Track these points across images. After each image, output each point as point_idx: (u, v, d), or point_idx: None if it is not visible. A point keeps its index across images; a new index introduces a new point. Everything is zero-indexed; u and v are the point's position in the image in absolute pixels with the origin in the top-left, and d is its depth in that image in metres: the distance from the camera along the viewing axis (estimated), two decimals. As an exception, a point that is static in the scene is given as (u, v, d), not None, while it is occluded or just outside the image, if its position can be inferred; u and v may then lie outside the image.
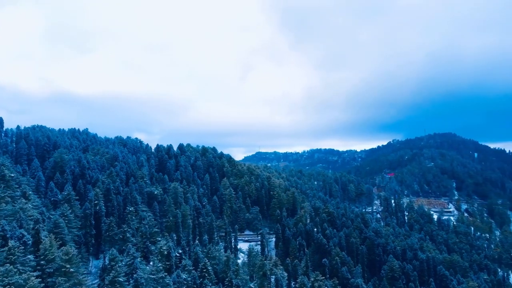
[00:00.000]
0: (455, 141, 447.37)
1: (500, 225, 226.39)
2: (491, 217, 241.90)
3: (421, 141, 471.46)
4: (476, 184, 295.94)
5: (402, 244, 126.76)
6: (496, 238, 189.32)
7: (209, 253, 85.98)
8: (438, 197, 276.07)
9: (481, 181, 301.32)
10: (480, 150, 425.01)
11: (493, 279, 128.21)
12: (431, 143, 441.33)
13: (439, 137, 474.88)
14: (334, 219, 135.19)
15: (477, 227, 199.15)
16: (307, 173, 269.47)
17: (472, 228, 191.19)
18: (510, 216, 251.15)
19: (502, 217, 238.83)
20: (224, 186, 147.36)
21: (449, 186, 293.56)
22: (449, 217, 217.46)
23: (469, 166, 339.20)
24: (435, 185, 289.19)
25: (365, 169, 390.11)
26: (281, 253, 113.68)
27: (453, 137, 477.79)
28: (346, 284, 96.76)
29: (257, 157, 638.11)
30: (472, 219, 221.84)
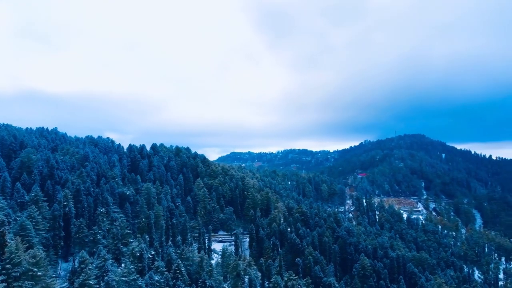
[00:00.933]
0: (424, 142, 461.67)
1: (466, 223, 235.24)
2: (457, 215, 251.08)
3: (391, 142, 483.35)
4: (443, 183, 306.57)
5: (373, 242, 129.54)
6: (462, 236, 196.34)
7: (182, 254, 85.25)
8: (407, 197, 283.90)
9: (448, 181, 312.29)
10: (447, 150, 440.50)
11: (459, 276, 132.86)
12: (401, 144, 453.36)
13: (409, 138, 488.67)
14: (307, 219, 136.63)
15: (444, 226, 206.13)
16: (281, 173, 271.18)
17: (439, 227, 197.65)
18: (475, 215, 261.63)
19: (468, 215, 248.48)
20: (198, 186, 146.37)
21: (418, 186, 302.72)
22: (418, 216, 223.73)
23: (437, 166, 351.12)
24: (405, 185, 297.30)
25: (337, 169, 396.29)
26: (255, 253, 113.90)
27: (422, 138, 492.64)
28: (319, 283, 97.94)
29: (232, 157, 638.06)
30: (439, 218, 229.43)
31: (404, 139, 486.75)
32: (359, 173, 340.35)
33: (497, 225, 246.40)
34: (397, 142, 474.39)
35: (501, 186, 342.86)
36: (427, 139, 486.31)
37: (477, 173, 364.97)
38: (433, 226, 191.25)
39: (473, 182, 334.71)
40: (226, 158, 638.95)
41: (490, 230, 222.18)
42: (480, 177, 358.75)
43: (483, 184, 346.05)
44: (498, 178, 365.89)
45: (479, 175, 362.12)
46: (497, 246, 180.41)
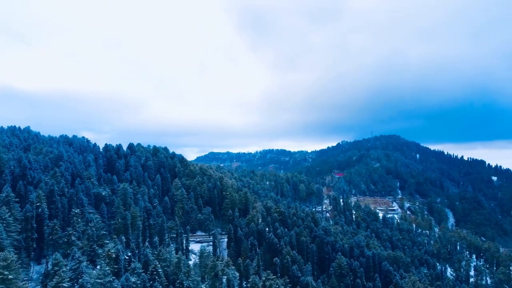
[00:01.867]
0: (399, 143, 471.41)
1: (439, 222, 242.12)
2: (430, 214, 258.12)
3: (368, 143, 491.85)
4: (417, 183, 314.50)
5: (350, 241, 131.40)
6: (435, 234, 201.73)
7: (159, 255, 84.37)
8: (383, 196, 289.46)
9: (422, 180, 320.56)
10: (421, 151, 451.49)
11: (432, 273, 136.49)
12: (377, 144, 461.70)
13: (385, 139, 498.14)
14: (285, 219, 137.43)
15: (418, 224, 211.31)
16: (260, 173, 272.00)
17: (414, 225, 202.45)
18: (448, 214, 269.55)
19: (441, 214, 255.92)
20: (176, 186, 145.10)
21: (393, 186, 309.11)
22: (393, 215, 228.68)
23: (412, 166, 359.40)
24: (380, 185, 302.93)
25: (315, 169, 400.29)
26: (233, 253, 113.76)
27: (397, 139, 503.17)
28: (296, 282, 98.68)
29: (210, 157, 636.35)
30: (414, 217, 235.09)
31: (380, 140, 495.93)
32: (336, 173, 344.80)
33: (469, 224, 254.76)
34: (374, 142, 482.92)
35: (472, 186, 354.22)
36: (402, 140, 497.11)
37: (449, 173, 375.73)
38: (408, 225, 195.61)
39: (446, 182, 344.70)
40: (204, 158, 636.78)
41: (462, 229, 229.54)
42: (453, 177, 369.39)
43: (455, 184, 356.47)
44: (469, 178, 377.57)
45: (451, 175, 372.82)
46: (468, 244, 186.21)
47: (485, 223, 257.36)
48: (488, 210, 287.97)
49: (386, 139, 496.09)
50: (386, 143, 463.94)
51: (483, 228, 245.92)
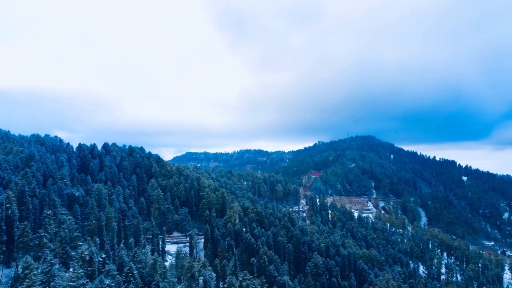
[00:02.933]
0: (374, 144, 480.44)
1: (412, 221, 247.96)
2: (404, 213, 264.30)
3: (344, 143, 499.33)
4: (392, 183, 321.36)
5: (326, 241, 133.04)
6: (408, 233, 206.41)
7: (135, 256, 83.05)
8: (358, 196, 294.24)
9: (396, 180, 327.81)
10: (395, 152, 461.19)
11: (405, 271, 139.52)
12: (353, 145, 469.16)
13: (360, 140, 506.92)
14: (262, 219, 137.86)
15: (392, 224, 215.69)
16: (237, 174, 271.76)
17: (388, 225, 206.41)
18: (420, 213, 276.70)
19: (414, 213, 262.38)
20: (152, 187, 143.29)
21: (368, 186, 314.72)
22: (368, 214, 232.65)
23: (386, 167, 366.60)
24: (356, 185, 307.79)
25: (292, 170, 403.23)
26: (210, 254, 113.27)
27: (372, 139, 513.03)
28: (273, 282, 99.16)
29: (187, 157, 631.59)
30: (388, 216, 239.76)
31: (355, 140, 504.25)
32: (313, 173, 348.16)
33: (440, 222, 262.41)
34: (349, 143, 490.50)
35: (443, 186, 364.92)
36: (377, 141, 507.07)
37: (422, 173, 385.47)
38: (382, 224, 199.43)
39: (418, 181, 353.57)
40: (181, 158, 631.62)
41: (434, 227, 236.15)
42: (425, 177, 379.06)
43: (427, 183, 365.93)
44: (441, 178, 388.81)
45: (424, 175, 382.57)
46: (439, 242, 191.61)
47: (456, 221, 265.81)
48: (458, 209, 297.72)
49: (361, 140, 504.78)
50: (361, 144, 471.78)
51: (454, 227, 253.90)
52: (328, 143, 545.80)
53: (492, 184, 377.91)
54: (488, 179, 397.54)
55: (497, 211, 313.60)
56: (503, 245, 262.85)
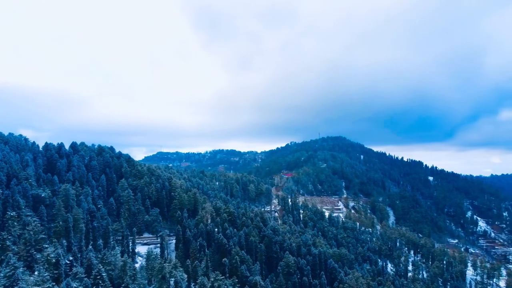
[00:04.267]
0: (344, 144, 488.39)
1: (381, 220, 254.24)
2: (373, 213, 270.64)
3: (315, 144, 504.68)
4: (361, 183, 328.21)
5: (297, 240, 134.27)
6: (377, 232, 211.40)
7: (103, 258, 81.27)
8: (329, 196, 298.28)
9: (365, 180, 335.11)
10: (365, 152, 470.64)
11: (374, 269, 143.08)
12: (324, 145, 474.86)
13: (331, 140, 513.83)
14: (234, 219, 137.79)
15: (362, 223, 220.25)
16: (209, 174, 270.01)
17: (357, 224, 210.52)
18: (389, 212, 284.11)
19: (382, 212, 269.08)
20: (122, 187, 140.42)
21: (339, 186, 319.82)
22: (338, 214, 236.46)
23: (356, 167, 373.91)
24: (327, 185, 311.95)
25: (264, 170, 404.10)
26: (181, 255, 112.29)
27: (343, 140, 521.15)
28: (245, 282, 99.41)
29: (158, 157, 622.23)
30: (357, 215, 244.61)
31: (327, 141, 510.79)
32: (285, 173, 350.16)
33: (407, 221, 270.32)
34: (321, 143, 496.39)
35: (411, 185, 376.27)
36: (348, 141, 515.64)
37: (391, 174, 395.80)
38: (352, 223, 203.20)
39: (387, 181, 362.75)
40: (152, 158, 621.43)
41: (401, 226, 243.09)
42: (394, 177, 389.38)
43: (396, 183, 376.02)
44: (408, 178, 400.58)
45: (392, 175, 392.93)
46: (407, 240, 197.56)
47: (422, 220, 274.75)
48: (424, 208, 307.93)
49: (332, 141, 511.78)
50: (332, 145, 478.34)
51: (420, 225, 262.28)
52: (300, 143, 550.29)
53: (456, 184, 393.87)
54: (452, 179, 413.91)
55: (460, 210, 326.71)
56: (466, 243, 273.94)
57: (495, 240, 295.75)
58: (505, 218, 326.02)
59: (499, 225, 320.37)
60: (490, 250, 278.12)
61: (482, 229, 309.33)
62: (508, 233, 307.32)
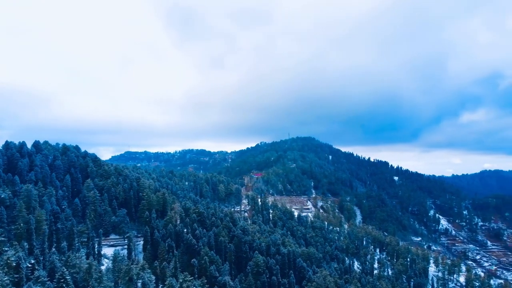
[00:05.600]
0: (313, 145, 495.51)
1: (348, 219, 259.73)
2: (341, 212, 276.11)
3: (285, 144, 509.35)
4: (330, 183, 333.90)
5: (267, 240, 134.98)
6: (345, 230, 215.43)
7: (68, 261, 78.89)
8: (298, 196, 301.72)
9: (334, 180, 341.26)
10: (333, 153, 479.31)
11: (341, 267, 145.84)
12: (294, 146, 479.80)
13: (301, 141, 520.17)
14: (204, 219, 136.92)
15: (330, 222, 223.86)
16: (179, 174, 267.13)
17: (326, 223, 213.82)
18: (356, 211, 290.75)
19: (350, 212, 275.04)
20: (88, 187, 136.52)
21: (308, 185, 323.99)
22: (307, 213, 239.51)
23: (325, 167, 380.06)
24: (296, 185, 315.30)
25: (235, 170, 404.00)
26: (149, 256, 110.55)
27: (312, 140, 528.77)
28: (214, 282, 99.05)
29: (126, 157, 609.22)
30: (326, 215, 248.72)
31: (296, 142, 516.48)
32: (255, 173, 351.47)
33: (374, 220, 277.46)
34: (290, 144, 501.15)
35: (377, 185, 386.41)
36: (317, 142, 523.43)
37: (358, 174, 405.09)
38: (320, 222, 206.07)
39: (355, 181, 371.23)
40: (120, 157, 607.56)
41: (368, 225, 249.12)
42: (361, 177, 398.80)
43: (363, 183, 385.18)
44: (375, 178, 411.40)
45: (359, 175, 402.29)
46: (373, 239, 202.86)
47: (388, 219, 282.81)
48: (390, 207, 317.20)
49: (302, 141, 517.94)
50: (302, 145, 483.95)
51: (386, 224, 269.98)
52: (270, 143, 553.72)
53: (420, 184, 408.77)
54: (416, 179, 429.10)
55: (424, 208, 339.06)
56: (429, 240, 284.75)
57: (456, 238, 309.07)
58: (465, 217, 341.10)
59: (459, 223, 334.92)
60: (451, 247, 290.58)
61: (443, 227, 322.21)
62: (468, 231, 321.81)
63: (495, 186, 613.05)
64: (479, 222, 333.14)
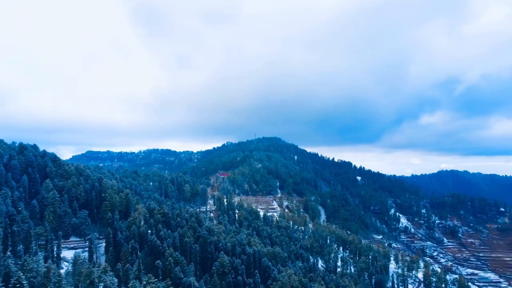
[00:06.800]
0: (279, 145, 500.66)
1: (313, 218, 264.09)
2: (306, 211, 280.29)
3: (251, 144, 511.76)
4: (295, 183, 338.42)
5: (232, 240, 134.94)
6: (309, 230, 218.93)
7: (24, 265, 75.56)
8: (264, 195, 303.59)
9: (299, 180, 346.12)
10: (299, 153, 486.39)
11: (306, 266, 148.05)
12: (260, 146, 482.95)
13: (267, 141, 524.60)
14: (169, 220, 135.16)
15: (295, 221, 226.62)
16: (143, 174, 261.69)
17: (291, 222, 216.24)
18: (320, 210, 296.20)
19: (314, 211, 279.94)
20: (47, 188, 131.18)
21: (273, 185, 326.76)
22: (273, 213, 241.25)
23: (290, 167, 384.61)
24: (262, 185, 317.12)
25: (201, 170, 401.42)
26: (111, 259, 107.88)
27: (278, 141, 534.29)
28: (179, 283, 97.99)
29: (88, 157, 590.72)
30: (291, 214, 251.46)
31: (262, 142, 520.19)
32: (221, 174, 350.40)
33: (337, 219, 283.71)
34: (257, 144, 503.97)
35: (341, 185, 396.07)
36: (283, 142, 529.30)
37: (322, 174, 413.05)
38: (286, 222, 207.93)
39: (319, 181, 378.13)
40: (81, 157, 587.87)
41: (332, 224, 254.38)
42: (325, 177, 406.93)
43: (327, 183, 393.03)
44: (338, 178, 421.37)
45: (324, 175, 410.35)
46: (336, 237, 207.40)
47: (351, 218, 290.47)
48: (353, 206, 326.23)
49: (268, 141, 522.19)
50: (268, 145, 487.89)
51: (349, 223, 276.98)
52: (236, 144, 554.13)
53: (382, 184, 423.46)
54: (378, 179, 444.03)
55: (385, 207, 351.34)
56: (390, 238, 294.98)
57: (415, 235, 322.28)
58: (423, 215, 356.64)
59: (418, 221, 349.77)
60: (410, 244, 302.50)
61: (403, 225, 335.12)
62: (426, 229, 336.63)
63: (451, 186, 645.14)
64: (436, 220, 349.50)
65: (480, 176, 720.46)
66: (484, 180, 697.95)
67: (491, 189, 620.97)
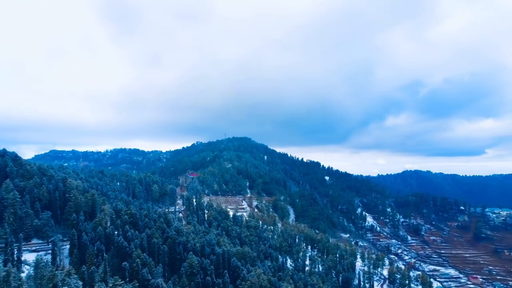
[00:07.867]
0: (249, 145, 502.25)
1: (282, 218, 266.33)
2: (275, 211, 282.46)
3: (221, 144, 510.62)
4: (264, 183, 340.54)
5: (202, 240, 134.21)
6: (278, 229, 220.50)
7: (-18, 269, 72.40)
8: (234, 195, 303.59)
9: (268, 180, 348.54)
10: (269, 153, 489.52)
11: (275, 265, 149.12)
12: (230, 146, 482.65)
13: (237, 141, 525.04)
14: (136, 221, 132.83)
15: (264, 221, 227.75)
16: (110, 174, 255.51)
17: (260, 222, 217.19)
18: (289, 210, 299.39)
19: (283, 211, 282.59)
20: (7, 189, 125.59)
21: (243, 185, 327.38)
22: (242, 213, 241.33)
23: (260, 167, 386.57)
24: (232, 184, 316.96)
25: (169, 170, 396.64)
26: (76, 261, 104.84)
27: (248, 141, 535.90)
28: (146, 285, 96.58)
29: (52, 156, 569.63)
30: (260, 214, 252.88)
31: (232, 142, 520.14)
32: (190, 173, 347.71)
33: (306, 218, 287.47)
34: (227, 144, 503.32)
35: (309, 185, 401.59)
36: (253, 142, 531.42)
37: (291, 173, 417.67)
38: (255, 222, 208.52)
39: (288, 181, 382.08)
40: (44, 156, 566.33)
41: (301, 223, 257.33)
42: (294, 177, 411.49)
43: (296, 183, 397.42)
44: (307, 178, 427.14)
45: (293, 175, 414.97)
46: (305, 236, 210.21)
47: (319, 217, 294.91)
48: (321, 206, 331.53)
49: (238, 141, 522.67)
50: (238, 145, 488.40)
51: (317, 222, 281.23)
52: (206, 143, 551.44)
53: (349, 183, 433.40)
54: (345, 178, 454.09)
55: (352, 207, 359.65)
56: (356, 237, 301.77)
57: (380, 234, 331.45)
58: (389, 214, 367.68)
59: (383, 220, 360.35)
60: (376, 242, 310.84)
61: (369, 224, 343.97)
62: (391, 227, 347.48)
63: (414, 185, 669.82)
64: (400, 219, 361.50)
65: (442, 176, 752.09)
66: (446, 180, 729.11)
67: (452, 188, 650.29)
